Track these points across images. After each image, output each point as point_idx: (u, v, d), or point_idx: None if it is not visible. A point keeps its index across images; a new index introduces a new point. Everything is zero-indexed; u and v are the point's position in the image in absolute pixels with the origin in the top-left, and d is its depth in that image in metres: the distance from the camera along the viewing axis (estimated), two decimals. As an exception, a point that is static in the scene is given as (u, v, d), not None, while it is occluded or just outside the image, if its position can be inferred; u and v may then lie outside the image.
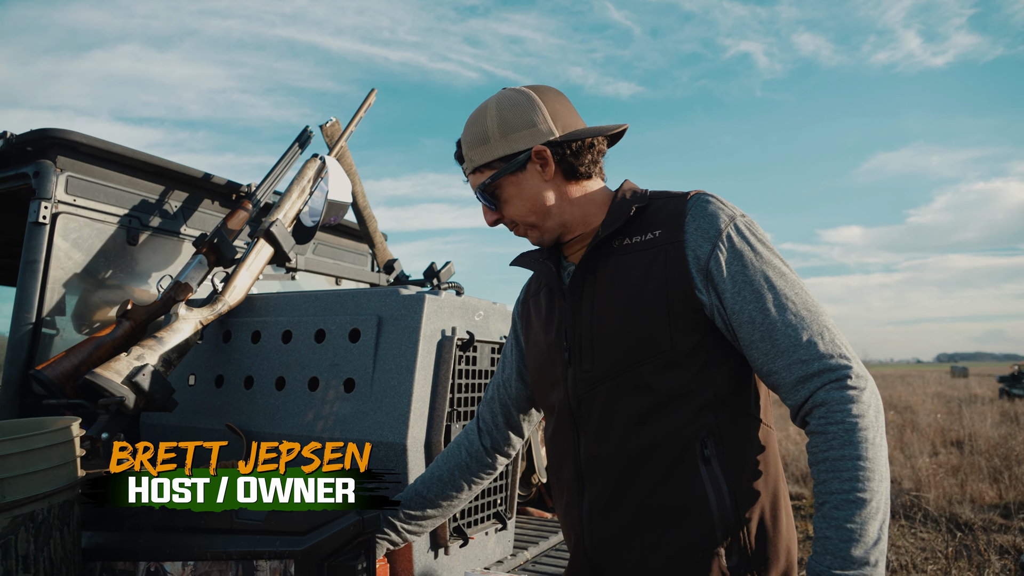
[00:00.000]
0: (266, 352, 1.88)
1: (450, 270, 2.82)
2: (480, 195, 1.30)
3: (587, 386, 1.20)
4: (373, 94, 2.57)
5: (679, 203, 1.19)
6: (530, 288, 1.46)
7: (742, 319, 1.10)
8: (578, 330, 1.22)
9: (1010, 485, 7.38)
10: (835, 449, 1.02)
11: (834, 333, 1.07)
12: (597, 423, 1.19)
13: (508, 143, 1.25)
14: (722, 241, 1.13)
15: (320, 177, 2.26)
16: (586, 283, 1.23)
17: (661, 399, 1.13)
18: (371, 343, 1.74)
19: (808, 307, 1.09)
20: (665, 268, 1.14)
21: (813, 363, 1.05)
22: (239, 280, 1.96)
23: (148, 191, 2.28)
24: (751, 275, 1.11)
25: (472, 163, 1.28)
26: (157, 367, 1.73)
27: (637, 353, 1.15)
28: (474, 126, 1.29)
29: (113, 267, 2.20)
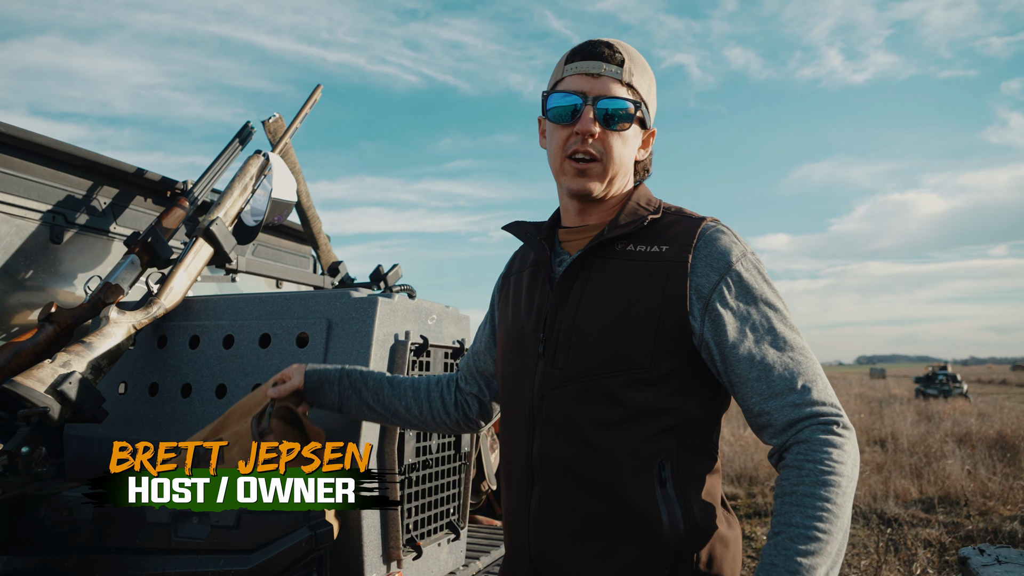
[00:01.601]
0: (205, 358, 1.78)
1: (397, 273, 2.75)
2: (615, 105, 1.17)
3: (555, 383, 1.16)
4: (319, 90, 2.48)
5: (692, 225, 1.17)
6: (513, 265, 1.40)
7: (740, 355, 1.09)
8: (558, 324, 1.18)
9: (931, 481, 7.76)
10: (806, 485, 1.01)
11: (826, 382, 1.08)
12: (558, 423, 1.16)
13: (653, 106, 1.25)
14: (730, 275, 1.11)
15: (263, 175, 2.15)
16: (578, 278, 1.19)
17: (628, 413, 1.11)
18: (320, 348, 1.66)
19: (804, 353, 1.09)
20: (664, 286, 1.12)
21: (805, 407, 1.05)
22: (176, 282, 1.85)
23: (74, 186, 2.13)
24: (754, 314, 1.10)
25: (631, 76, 1.19)
26: (85, 374, 1.60)
27: (613, 363, 1.13)
28: (641, 60, 1.23)
29: (35, 267, 2.04)
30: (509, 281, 1.37)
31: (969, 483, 7.47)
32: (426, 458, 1.82)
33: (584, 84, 1.17)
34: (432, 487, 1.86)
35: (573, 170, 1.19)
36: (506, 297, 1.36)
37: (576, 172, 1.19)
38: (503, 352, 1.31)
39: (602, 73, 1.17)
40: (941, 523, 6.38)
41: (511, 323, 1.29)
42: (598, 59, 1.17)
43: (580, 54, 1.19)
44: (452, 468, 1.96)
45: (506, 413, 1.28)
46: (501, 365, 1.32)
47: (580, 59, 1.18)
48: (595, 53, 1.18)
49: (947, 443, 9.82)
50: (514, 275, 1.36)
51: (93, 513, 1.41)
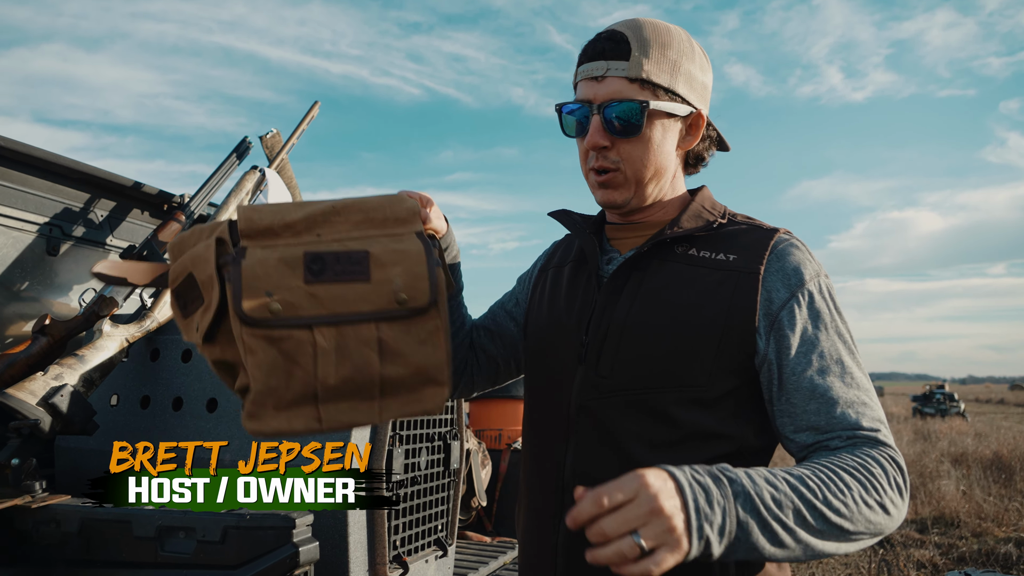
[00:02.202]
0: (197, 371, 1.79)
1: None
2: (621, 109, 1.03)
3: (596, 393, 1.04)
4: (316, 107, 2.51)
5: (764, 235, 1.07)
6: (554, 256, 1.27)
7: (800, 384, 0.98)
8: (604, 327, 1.06)
9: (925, 501, 7.74)
10: (836, 460, 0.89)
11: (888, 428, 0.98)
12: (597, 439, 1.04)
13: (688, 85, 1.07)
14: (802, 294, 1.01)
15: (260, 190, 2.18)
16: (631, 279, 1.07)
17: (681, 434, 1.00)
18: (311, 364, 1.68)
19: (871, 396, 0.99)
20: (732, 297, 1.01)
21: (863, 437, 0.95)
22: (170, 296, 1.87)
23: (72, 199, 2.15)
24: (822, 340, 0.99)
25: (640, 68, 1.02)
26: (77, 387, 1.62)
27: (665, 377, 1.01)
28: (662, 36, 1.05)
29: (30, 278, 2.06)
30: (547, 274, 1.24)
31: (964, 504, 7.46)
32: (415, 474, 1.83)
33: (590, 90, 1.05)
34: (420, 503, 1.87)
35: (596, 183, 1.10)
36: (542, 291, 1.23)
37: (598, 184, 1.10)
38: (533, 353, 1.19)
39: (606, 74, 1.03)
40: (935, 544, 6.37)
41: (546, 320, 1.17)
42: (600, 57, 1.04)
43: (584, 54, 1.07)
44: (440, 484, 1.97)
45: (533, 422, 1.16)
46: (530, 367, 1.20)
47: (585, 60, 1.06)
48: (597, 51, 1.04)
49: (943, 463, 9.81)
50: (553, 268, 1.24)
51: (80, 526, 1.42)
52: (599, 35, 1.07)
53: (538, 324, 1.19)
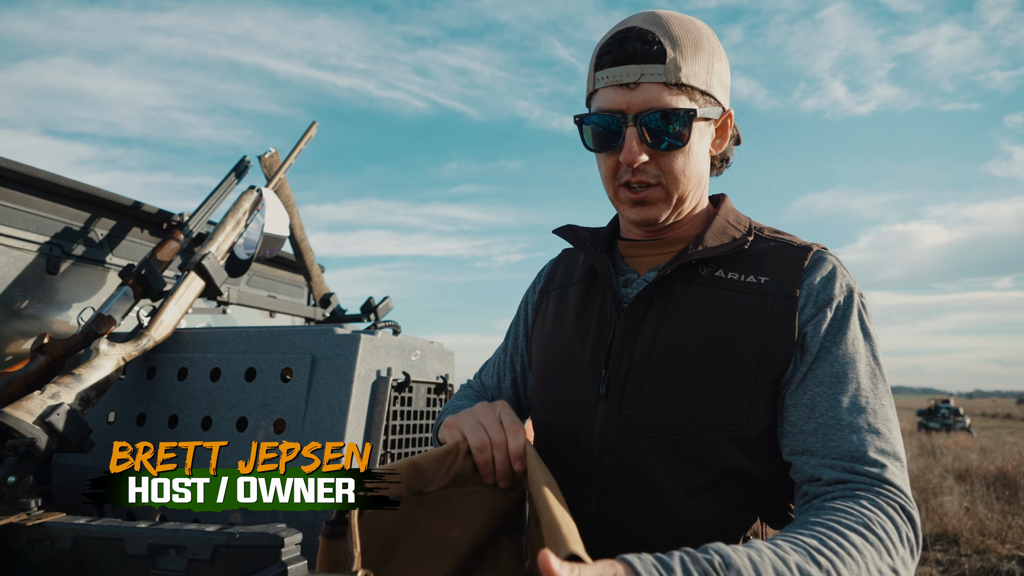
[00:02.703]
0: (192, 390, 1.82)
1: (388, 305, 2.80)
2: (665, 120, 0.93)
3: (620, 434, 0.95)
4: (314, 127, 2.55)
5: (798, 254, 0.97)
6: (555, 277, 1.18)
7: (801, 399, 0.90)
8: (627, 360, 0.96)
9: (927, 518, 7.70)
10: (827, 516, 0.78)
11: (904, 466, 0.86)
12: (628, 484, 0.94)
13: (720, 85, 0.99)
14: (829, 308, 0.92)
15: (256, 209, 2.21)
16: (653, 304, 0.97)
17: (715, 477, 0.91)
18: (304, 383, 1.70)
19: (887, 423, 0.88)
20: (767, 325, 0.91)
21: (863, 474, 0.84)
22: (166, 314, 1.90)
23: (72, 218, 2.19)
24: (837, 356, 0.90)
25: (678, 72, 0.92)
26: (73, 406, 1.64)
27: (700, 416, 0.92)
28: (692, 34, 0.95)
29: (30, 297, 2.09)
30: (548, 297, 1.16)
31: (967, 521, 7.41)
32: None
33: (620, 98, 0.93)
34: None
35: (629, 200, 0.99)
36: (544, 315, 1.14)
37: (633, 202, 0.99)
38: (544, 386, 1.09)
39: (641, 80, 0.92)
40: (936, 561, 6.33)
41: (557, 350, 1.07)
42: (632, 61, 0.92)
43: (609, 56, 0.94)
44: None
45: (547, 462, 1.09)
46: (540, 402, 1.10)
47: (610, 63, 0.94)
48: (627, 53, 0.92)
49: (946, 479, 9.75)
50: (556, 290, 1.15)
51: (74, 544, 1.44)
52: (623, 34, 0.94)
53: (547, 352, 1.09)
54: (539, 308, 1.17)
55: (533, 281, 1.24)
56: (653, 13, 0.96)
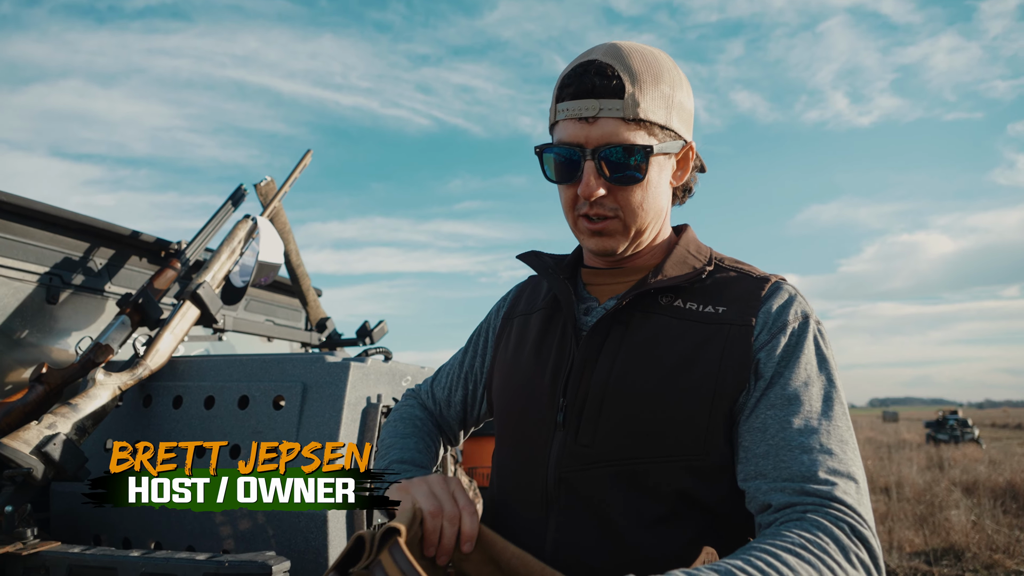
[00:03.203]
0: (187, 418, 1.85)
1: (383, 329, 2.83)
2: (620, 155, 0.93)
3: (577, 464, 0.94)
4: (308, 155, 2.60)
5: (755, 285, 0.98)
6: (519, 303, 1.18)
7: (754, 423, 0.89)
8: (584, 389, 0.96)
9: (933, 532, 7.64)
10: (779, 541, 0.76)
11: (861, 487, 0.84)
12: (581, 514, 0.94)
13: (680, 118, 0.98)
14: (783, 334, 0.92)
15: (252, 237, 2.26)
16: (611, 332, 0.97)
17: (671, 508, 0.91)
18: (295, 410, 1.73)
19: (842, 444, 0.86)
20: (722, 354, 0.91)
21: (814, 495, 0.82)
22: (162, 343, 1.93)
23: (72, 248, 2.24)
24: (791, 380, 0.89)
25: (636, 107, 0.92)
26: (70, 435, 1.68)
27: (655, 446, 0.91)
28: (652, 67, 0.95)
29: (30, 327, 2.14)
30: (512, 323, 1.15)
31: (974, 535, 7.35)
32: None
33: (579, 132, 0.94)
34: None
35: (588, 230, 1.00)
36: (507, 342, 1.14)
37: (591, 232, 1.00)
38: (503, 414, 1.09)
39: (599, 115, 0.92)
40: (943, 576, 6.28)
41: (517, 378, 1.07)
42: (591, 95, 0.92)
43: (569, 88, 0.94)
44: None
45: (504, 491, 1.06)
46: (500, 430, 1.10)
47: (570, 96, 0.94)
48: (586, 88, 0.92)
49: (953, 492, 9.68)
50: (519, 316, 1.15)
51: (68, 572, 1.46)
52: (582, 67, 0.94)
53: (508, 381, 1.09)
54: (502, 334, 1.17)
55: (497, 304, 1.24)
56: (614, 45, 0.96)
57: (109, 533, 1.82)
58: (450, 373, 1.26)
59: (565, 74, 0.97)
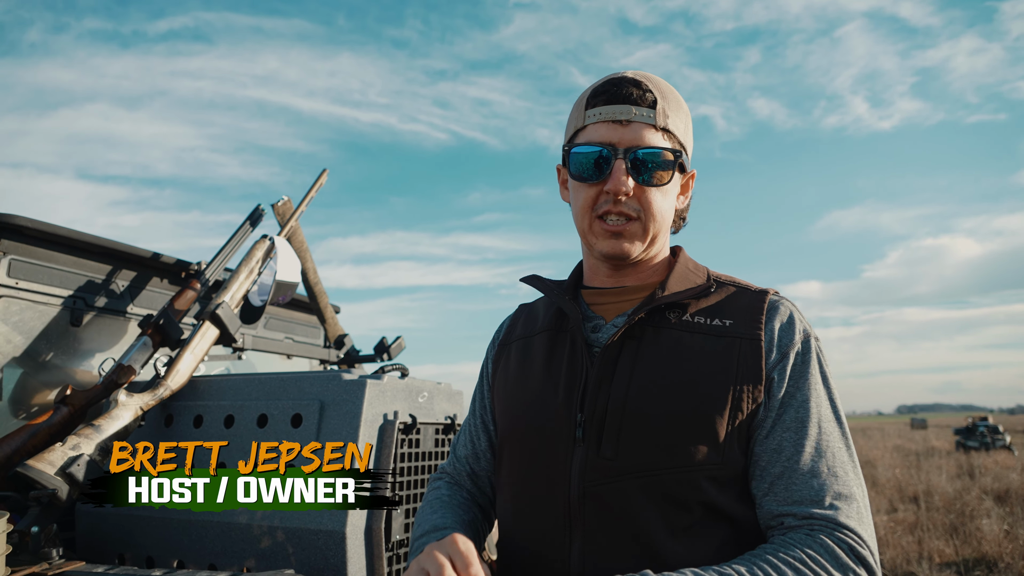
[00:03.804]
0: (207, 436, 1.87)
1: (400, 345, 2.85)
2: (654, 156, 1.00)
3: (602, 477, 0.96)
4: (325, 174, 2.63)
5: (756, 299, 1.03)
6: (514, 330, 1.20)
7: (768, 444, 0.95)
8: (603, 403, 0.98)
9: (964, 542, 7.48)
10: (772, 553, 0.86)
11: (863, 505, 0.92)
12: (610, 527, 0.95)
13: (690, 146, 1.08)
14: (792, 353, 0.98)
15: (269, 257, 2.29)
16: (625, 347, 1.01)
17: (697, 517, 0.94)
18: (313, 428, 1.74)
19: (844, 466, 0.93)
20: (737, 367, 0.96)
21: (821, 519, 0.89)
22: (182, 364, 1.96)
23: (94, 271, 2.29)
24: (801, 401, 0.95)
25: (666, 118, 1.01)
26: (93, 456, 1.71)
27: (679, 455, 0.94)
28: (674, 93, 1.05)
29: (55, 349, 2.18)
30: (510, 348, 1.18)
31: (1007, 544, 7.19)
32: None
33: (612, 133, 1.00)
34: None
35: (605, 231, 1.03)
36: (506, 366, 1.16)
37: (609, 234, 1.03)
38: (514, 434, 1.09)
39: (632, 119, 0.99)
40: (976, 587, 6.14)
41: (525, 397, 1.08)
42: (626, 101, 0.99)
43: (603, 96, 1.01)
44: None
45: (520, 511, 1.05)
46: (511, 450, 1.09)
47: (604, 102, 1.01)
48: (622, 94, 1.00)
49: (984, 500, 9.48)
50: (517, 341, 1.17)
51: (92, 592, 1.49)
52: (618, 78, 1.02)
53: (515, 400, 1.10)
54: (499, 360, 1.19)
55: (492, 338, 1.26)
56: (640, 71, 1.05)
57: (133, 552, 1.85)
58: (468, 429, 1.25)
59: (596, 85, 1.04)
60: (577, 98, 1.08)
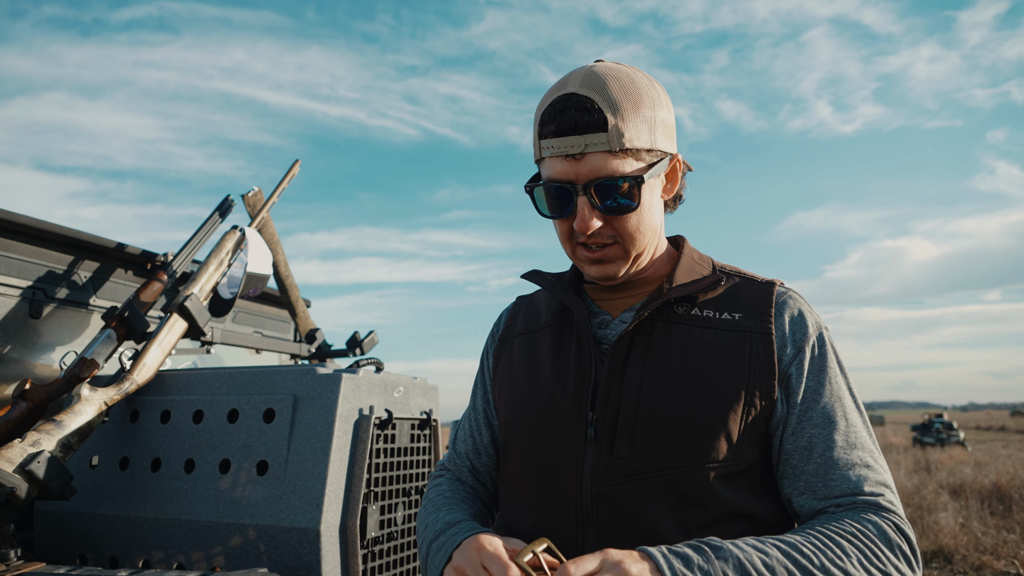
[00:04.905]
0: (175, 433, 1.82)
1: (373, 339, 2.81)
2: (613, 188, 0.93)
3: (615, 477, 0.94)
4: (297, 165, 2.58)
5: (764, 290, 1.01)
6: (515, 324, 1.17)
7: (799, 442, 0.95)
8: (615, 402, 0.96)
9: (922, 535, 7.67)
10: (833, 526, 0.88)
11: (895, 489, 0.95)
12: (624, 528, 0.93)
13: (664, 135, 0.98)
14: (808, 347, 0.97)
15: (240, 249, 2.23)
16: (635, 344, 0.98)
17: (713, 516, 0.93)
18: (286, 423, 1.70)
19: (874, 454, 0.96)
20: (750, 362, 0.95)
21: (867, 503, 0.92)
22: (149, 357, 1.90)
23: (55, 261, 2.20)
24: (825, 396, 0.96)
25: (620, 138, 0.91)
26: (55, 453, 1.64)
27: (694, 453, 0.92)
28: (630, 92, 0.93)
29: (13, 342, 2.09)
30: (511, 343, 1.14)
31: (962, 537, 7.39)
32: (390, 530, 1.84)
33: (568, 168, 0.93)
34: (397, 559, 1.87)
35: (587, 259, 1.01)
36: (509, 362, 1.13)
37: (591, 260, 1.00)
38: (522, 433, 1.06)
39: (585, 151, 0.91)
40: (933, 579, 6.30)
41: (534, 396, 1.05)
42: (573, 132, 0.91)
43: (552, 125, 0.93)
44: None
45: (531, 509, 1.02)
46: (518, 450, 1.06)
47: (553, 134, 0.93)
48: (569, 125, 0.91)
49: (941, 495, 9.74)
50: (520, 336, 1.14)
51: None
52: (561, 102, 0.93)
53: (521, 400, 1.06)
54: (500, 355, 1.15)
55: (491, 331, 1.23)
56: (591, 72, 0.94)
57: (95, 552, 1.78)
58: (468, 423, 1.23)
59: (544, 109, 0.95)
60: (536, 107, 1.01)
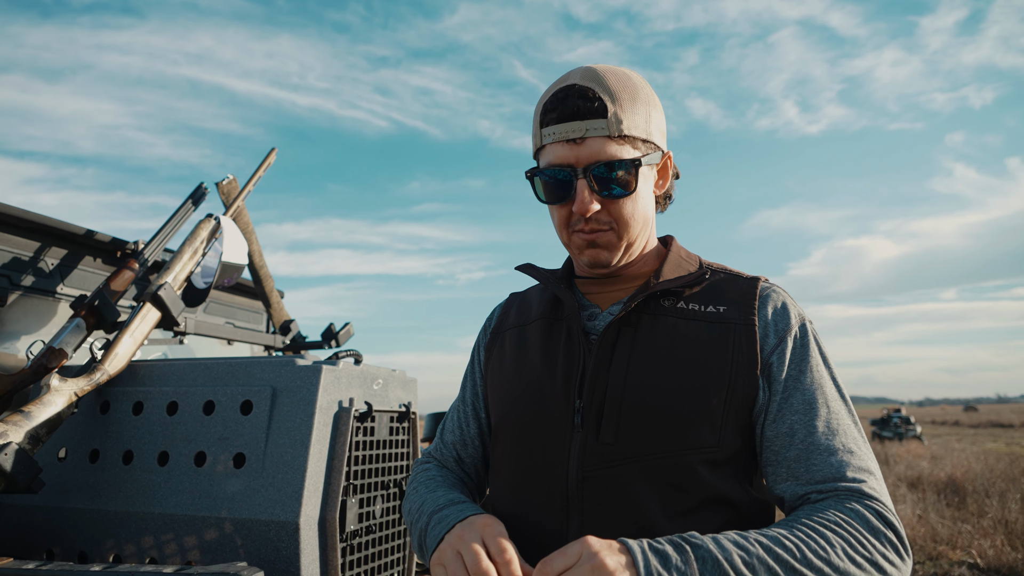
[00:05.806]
0: (148, 424, 1.77)
1: (349, 331, 2.78)
2: (612, 170, 0.98)
3: (601, 463, 0.97)
4: (273, 153, 2.53)
5: (748, 285, 1.06)
6: (508, 317, 1.21)
7: (780, 428, 0.97)
8: (601, 389, 0.99)
9: (882, 526, 7.88)
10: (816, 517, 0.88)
11: (881, 478, 0.95)
12: (609, 511, 0.96)
13: (659, 131, 1.04)
14: (790, 337, 1.00)
15: (214, 237, 2.18)
16: (622, 335, 1.02)
17: (696, 502, 0.95)
18: (264, 415, 1.67)
19: (857, 441, 0.96)
20: (733, 352, 0.98)
21: (850, 490, 0.92)
22: (121, 347, 1.85)
23: (20, 247, 2.13)
24: (806, 384, 0.98)
25: (620, 124, 0.98)
26: (22, 445, 1.59)
27: (677, 439, 0.95)
28: (628, 86, 1.00)
29: (-24, 330, 2.03)
30: (503, 336, 1.19)
31: (920, 528, 7.61)
32: (369, 523, 1.83)
33: (568, 153, 0.99)
34: (376, 552, 1.86)
35: (583, 242, 1.05)
36: (500, 355, 1.16)
37: (586, 243, 1.05)
38: (510, 422, 1.09)
39: (586, 135, 0.97)
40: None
41: (521, 385, 1.09)
42: (576, 117, 0.97)
43: (554, 113, 0.99)
44: (397, 532, 1.97)
45: (518, 495, 1.05)
46: (507, 438, 1.10)
47: (555, 120, 0.99)
48: (571, 111, 0.97)
49: (899, 487, 10.01)
50: (511, 329, 1.18)
51: (23, 590, 1.39)
52: (563, 92, 0.99)
53: (511, 389, 1.11)
54: (492, 348, 1.19)
55: (483, 326, 1.28)
56: (590, 69, 1.01)
57: (63, 547, 1.74)
58: (456, 415, 1.26)
59: (547, 100, 1.01)
60: (536, 103, 1.07)
